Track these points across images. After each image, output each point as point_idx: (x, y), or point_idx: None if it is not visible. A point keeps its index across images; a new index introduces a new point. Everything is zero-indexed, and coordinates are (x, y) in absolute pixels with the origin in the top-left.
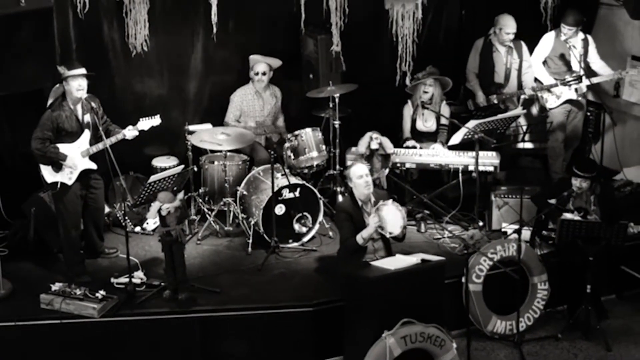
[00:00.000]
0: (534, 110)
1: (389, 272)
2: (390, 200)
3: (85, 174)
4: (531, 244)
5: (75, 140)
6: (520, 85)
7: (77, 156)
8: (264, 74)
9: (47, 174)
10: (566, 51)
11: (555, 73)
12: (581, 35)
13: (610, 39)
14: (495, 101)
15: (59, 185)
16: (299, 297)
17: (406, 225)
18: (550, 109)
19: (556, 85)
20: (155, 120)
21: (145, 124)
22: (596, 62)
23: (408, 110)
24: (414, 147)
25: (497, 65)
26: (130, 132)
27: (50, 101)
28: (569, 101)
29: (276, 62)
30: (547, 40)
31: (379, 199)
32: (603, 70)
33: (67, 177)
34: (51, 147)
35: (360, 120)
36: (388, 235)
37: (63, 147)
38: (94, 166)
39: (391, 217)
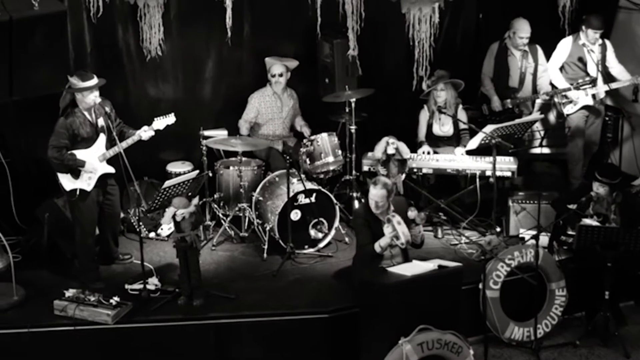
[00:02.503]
0: (552, 117)
1: (405, 278)
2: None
3: (102, 179)
4: (549, 250)
5: (92, 145)
6: (535, 90)
7: (95, 161)
8: (280, 75)
9: (66, 182)
10: (584, 56)
11: (572, 79)
12: (599, 40)
13: (629, 43)
14: (510, 106)
15: (78, 193)
16: (315, 303)
17: (422, 229)
18: (568, 115)
19: (570, 89)
20: (170, 119)
21: (160, 123)
22: (615, 66)
23: (424, 116)
24: (428, 153)
25: (512, 70)
26: (146, 133)
27: (61, 108)
28: (586, 107)
29: (292, 63)
30: (565, 46)
31: (397, 205)
32: (621, 76)
33: (86, 183)
34: (68, 154)
35: (377, 125)
36: (401, 246)
37: (80, 153)
38: (112, 170)
39: (404, 227)
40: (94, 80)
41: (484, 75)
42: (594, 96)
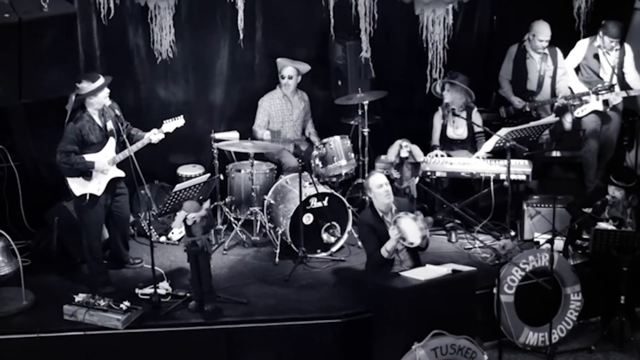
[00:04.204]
0: (567, 122)
1: (419, 283)
2: (403, 213)
3: (111, 183)
4: (564, 254)
5: (101, 149)
6: (553, 93)
7: (104, 164)
8: (290, 77)
9: (76, 186)
10: (599, 60)
11: (586, 81)
12: (616, 47)
13: None
14: (528, 109)
15: (87, 197)
16: (327, 308)
17: (428, 233)
18: (577, 118)
19: (588, 94)
20: (179, 121)
21: (170, 125)
22: (631, 73)
23: (438, 118)
24: (442, 156)
25: (531, 72)
26: (155, 136)
27: (69, 113)
28: (596, 112)
29: (304, 67)
30: (581, 47)
31: (401, 208)
32: (634, 84)
33: (96, 187)
34: (77, 158)
35: (390, 128)
36: (410, 246)
37: (89, 157)
38: (121, 174)
39: (410, 227)
40: (102, 79)
41: (501, 78)
42: (605, 102)
